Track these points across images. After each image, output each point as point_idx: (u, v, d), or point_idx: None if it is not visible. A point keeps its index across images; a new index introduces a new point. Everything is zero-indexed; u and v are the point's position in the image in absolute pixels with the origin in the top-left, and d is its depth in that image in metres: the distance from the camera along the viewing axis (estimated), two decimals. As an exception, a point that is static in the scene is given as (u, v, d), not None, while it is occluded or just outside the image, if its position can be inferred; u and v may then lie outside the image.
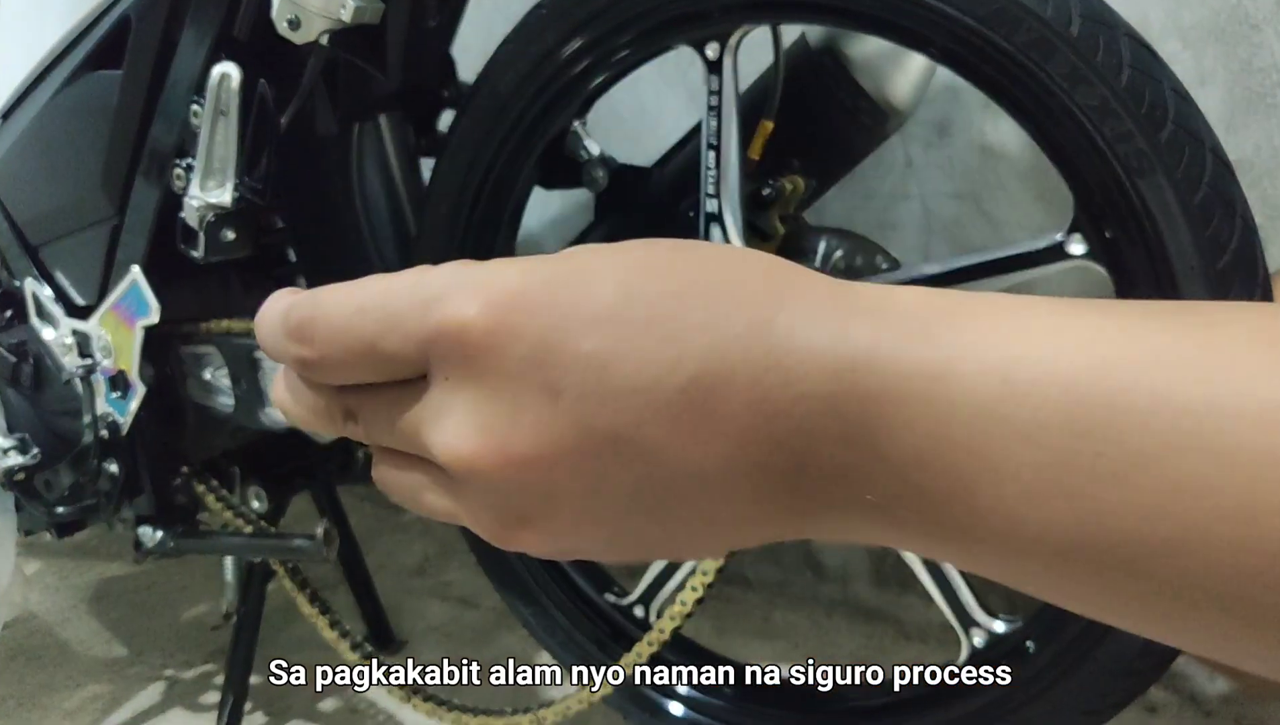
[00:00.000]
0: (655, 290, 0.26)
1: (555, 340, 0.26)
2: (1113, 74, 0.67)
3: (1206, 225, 0.67)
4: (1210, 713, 1.08)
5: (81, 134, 1.01)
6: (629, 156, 0.98)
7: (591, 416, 0.26)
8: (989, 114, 1.09)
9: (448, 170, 0.91)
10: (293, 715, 1.20)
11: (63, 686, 1.29)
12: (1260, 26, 0.97)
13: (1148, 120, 0.67)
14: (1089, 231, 0.70)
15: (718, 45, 0.79)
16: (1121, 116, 0.67)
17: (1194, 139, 0.67)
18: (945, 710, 0.83)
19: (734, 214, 0.80)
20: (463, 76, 1.06)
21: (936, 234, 1.15)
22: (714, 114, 0.80)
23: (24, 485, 1.08)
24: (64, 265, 1.06)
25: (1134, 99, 0.67)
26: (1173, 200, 0.67)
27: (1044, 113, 0.69)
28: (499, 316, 0.26)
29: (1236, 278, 0.67)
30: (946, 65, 0.73)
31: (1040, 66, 0.68)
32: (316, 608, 1.04)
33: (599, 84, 0.85)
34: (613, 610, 0.98)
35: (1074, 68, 0.67)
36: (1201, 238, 0.67)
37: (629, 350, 0.26)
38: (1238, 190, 0.69)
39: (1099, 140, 0.68)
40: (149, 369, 1.00)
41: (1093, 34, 0.67)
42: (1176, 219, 0.67)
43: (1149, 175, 0.67)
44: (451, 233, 0.91)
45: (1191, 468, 0.23)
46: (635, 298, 0.26)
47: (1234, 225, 0.68)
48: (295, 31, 0.85)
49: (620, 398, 0.26)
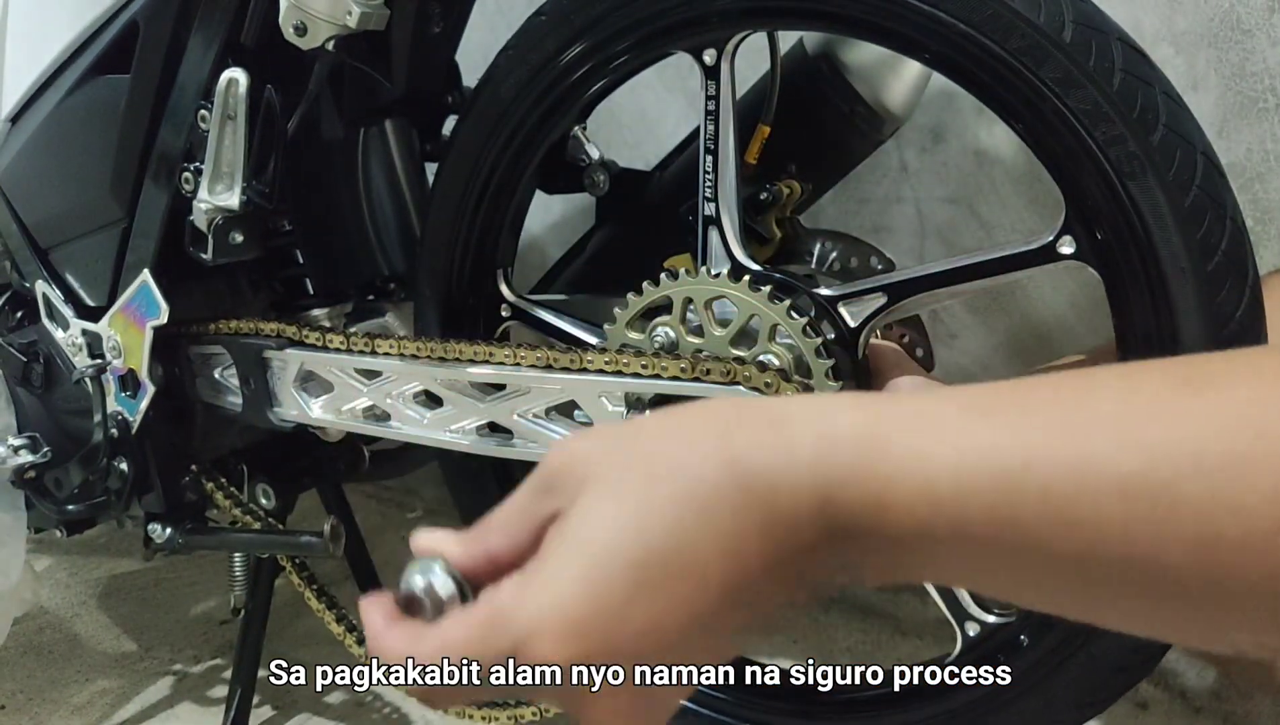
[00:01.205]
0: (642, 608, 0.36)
1: (612, 647, 0.36)
2: (1105, 78, 0.68)
3: (1197, 228, 0.68)
4: (1200, 709, 1.09)
5: (90, 138, 1.03)
6: (630, 161, 1.00)
7: None
8: (983, 120, 1.11)
9: (449, 177, 0.92)
10: (300, 709, 1.22)
11: (72, 681, 1.31)
12: (1252, 32, 0.98)
13: (1139, 124, 0.68)
14: (1080, 233, 0.71)
15: (715, 51, 0.80)
16: (1113, 120, 0.68)
17: (1185, 142, 0.68)
18: (940, 703, 0.84)
19: (731, 217, 0.81)
20: (467, 82, 1.08)
21: (930, 237, 1.17)
22: (711, 119, 0.81)
23: (34, 483, 1.10)
24: (74, 267, 1.08)
25: (1126, 103, 0.68)
26: (1163, 203, 0.68)
27: (1036, 117, 0.70)
28: (572, 654, 0.36)
29: (1227, 280, 0.68)
30: (940, 71, 0.74)
31: (1033, 71, 0.69)
32: (323, 603, 1.06)
33: (597, 90, 0.86)
34: None
35: (1066, 72, 0.68)
36: (1192, 240, 0.68)
37: None
38: (1229, 193, 0.70)
39: (1090, 143, 0.69)
40: (158, 369, 1.01)
41: (1085, 39, 0.68)
42: (1167, 221, 0.68)
43: (1140, 178, 0.68)
44: (454, 239, 0.93)
45: (1066, 537, 0.33)
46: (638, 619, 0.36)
47: (1224, 227, 0.68)
48: (302, 37, 0.87)
49: None
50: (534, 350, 0.83)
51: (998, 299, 1.16)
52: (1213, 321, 0.68)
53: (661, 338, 0.80)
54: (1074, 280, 1.11)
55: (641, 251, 0.97)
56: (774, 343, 0.77)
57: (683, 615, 0.36)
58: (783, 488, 0.35)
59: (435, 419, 0.90)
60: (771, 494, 0.35)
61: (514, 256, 0.96)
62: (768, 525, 0.36)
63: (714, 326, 0.79)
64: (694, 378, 0.76)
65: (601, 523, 0.36)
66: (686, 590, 0.36)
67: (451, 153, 0.92)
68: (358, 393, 0.94)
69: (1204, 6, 0.99)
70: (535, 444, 0.85)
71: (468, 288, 0.94)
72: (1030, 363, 1.17)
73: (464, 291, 0.94)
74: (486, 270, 0.94)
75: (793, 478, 0.35)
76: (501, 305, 0.95)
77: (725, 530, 0.36)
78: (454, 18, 0.99)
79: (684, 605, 0.36)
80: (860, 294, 0.78)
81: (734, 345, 0.78)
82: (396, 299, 1.07)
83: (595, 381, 0.80)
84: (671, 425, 0.38)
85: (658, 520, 0.36)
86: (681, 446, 0.37)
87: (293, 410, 0.98)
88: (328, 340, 0.94)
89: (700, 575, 0.36)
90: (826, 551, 0.36)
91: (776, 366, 0.76)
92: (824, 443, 0.35)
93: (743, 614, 0.37)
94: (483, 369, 0.86)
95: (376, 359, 0.91)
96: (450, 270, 0.94)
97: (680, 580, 0.36)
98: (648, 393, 0.78)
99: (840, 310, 0.78)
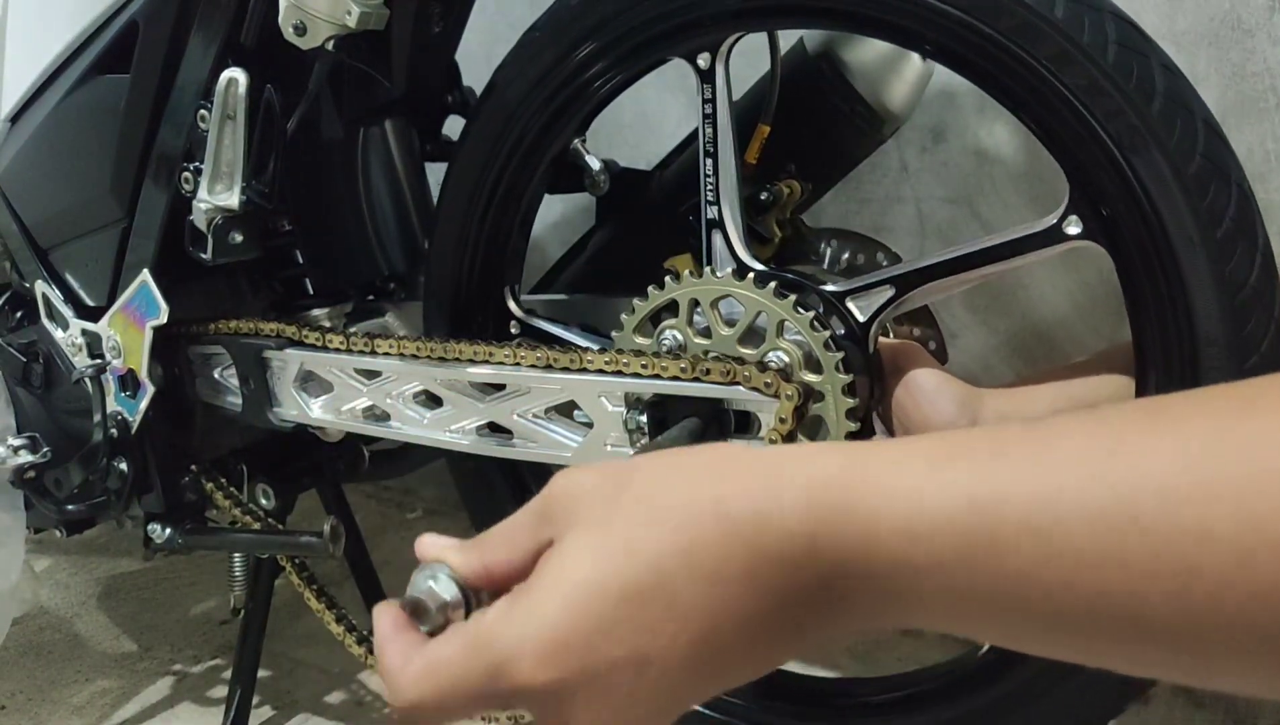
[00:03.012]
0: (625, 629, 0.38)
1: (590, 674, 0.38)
2: (1099, 53, 0.67)
3: (1203, 195, 0.67)
4: (1201, 704, 1.09)
5: (90, 138, 1.03)
6: (630, 161, 1.00)
7: None
8: (983, 119, 1.11)
9: (454, 191, 0.93)
10: (300, 709, 1.22)
11: (72, 681, 1.31)
12: (1253, 32, 0.98)
13: (1137, 95, 0.67)
14: (1085, 211, 0.71)
15: (709, 55, 0.80)
16: (1110, 94, 0.67)
17: (1185, 110, 0.68)
18: (951, 706, 0.84)
19: (734, 219, 0.81)
20: (466, 82, 1.08)
21: (931, 237, 1.17)
22: (709, 122, 0.81)
23: (34, 483, 1.10)
24: (74, 267, 1.08)
25: (1122, 75, 0.67)
26: (1167, 173, 0.67)
27: (1034, 97, 0.70)
28: (550, 678, 0.38)
29: (1237, 246, 0.67)
30: (938, 60, 0.74)
31: (1027, 51, 0.68)
32: (323, 603, 1.06)
33: (598, 100, 0.87)
34: None
35: (1061, 50, 0.68)
36: (1199, 208, 0.67)
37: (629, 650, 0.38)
38: (1233, 159, 0.69)
39: (1090, 119, 0.68)
40: (158, 369, 1.01)
41: (1077, 15, 0.68)
42: (1172, 191, 0.67)
43: (1142, 150, 0.67)
44: (460, 258, 0.93)
45: (1041, 573, 0.34)
46: None
47: (1230, 194, 0.67)
48: (301, 37, 0.87)
49: None
50: (534, 350, 0.83)
51: (998, 298, 1.16)
52: (1225, 290, 0.67)
53: (669, 342, 0.80)
54: (1074, 278, 1.11)
55: (642, 251, 0.97)
56: (782, 339, 0.76)
57: (662, 649, 0.37)
58: (770, 531, 0.37)
59: (435, 419, 0.90)
60: (758, 537, 0.37)
61: (521, 273, 0.96)
62: (753, 567, 0.37)
63: (721, 326, 0.78)
64: (693, 378, 0.76)
65: (588, 557, 0.38)
66: (667, 626, 0.37)
67: (453, 172, 0.93)
68: (357, 393, 0.94)
69: (1205, 6, 0.99)
70: (535, 444, 0.85)
71: (476, 303, 0.94)
72: (1031, 362, 1.17)
73: (472, 306, 0.95)
74: (494, 285, 0.94)
75: (780, 520, 0.37)
76: (510, 321, 0.95)
77: (707, 571, 0.37)
78: (454, 18, 0.99)
79: (664, 639, 0.37)
80: (868, 288, 0.78)
81: (742, 344, 0.78)
82: (396, 299, 1.07)
83: (595, 381, 0.80)
84: (665, 470, 0.40)
85: (640, 559, 0.37)
86: (671, 491, 0.39)
87: (293, 410, 0.98)
88: (327, 340, 0.94)
89: (682, 614, 0.37)
90: (819, 594, 0.37)
91: (776, 367, 0.76)
92: (814, 485, 0.37)
93: (735, 657, 0.39)
94: (482, 369, 0.86)
95: (376, 359, 0.91)
96: (458, 288, 0.94)
97: (661, 616, 0.37)
98: (647, 393, 0.78)
99: (849, 305, 0.78)
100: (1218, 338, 0.67)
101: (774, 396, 0.73)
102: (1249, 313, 0.67)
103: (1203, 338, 0.68)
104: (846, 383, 0.75)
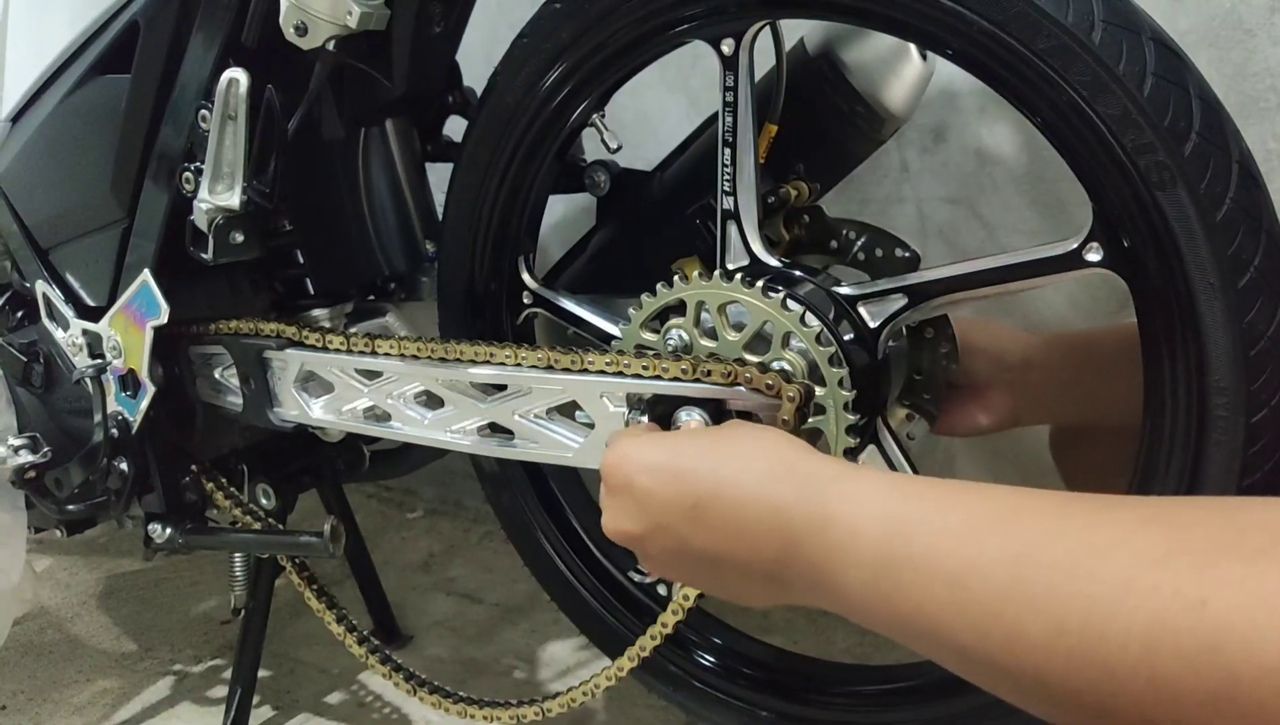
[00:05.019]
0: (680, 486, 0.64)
1: (650, 491, 0.65)
2: (1136, 83, 0.64)
3: (1229, 242, 0.64)
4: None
5: (91, 138, 1.03)
6: (631, 161, 1.00)
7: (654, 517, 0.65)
8: (984, 119, 1.11)
9: (461, 192, 0.93)
10: (300, 709, 1.22)
11: (72, 681, 1.31)
12: (1254, 32, 0.98)
13: (1170, 132, 0.64)
14: (1107, 239, 0.69)
15: (733, 41, 0.79)
16: (1143, 127, 0.64)
17: (1220, 151, 0.65)
18: (946, 704, 0.84)
19: (750, 210, 0.81)
20: (467, 82, 1.08)
21: (932, 238, 1.17)
22: (730, 110, 0.80)
23: (35, 483, 1.10)
24: (74, 267, 1.08)
25: (1157, 110, 0.64)
26: (1193, 215, 0.64)
27: (1064, 121, 0.67)
28: (644, 480, 0.65)
29: (1259, 297, 0.65)
30: (965, 69, 0.72)
31: (1060, 75, 0.66)
32: (324, 603, 1.06)
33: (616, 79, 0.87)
34: (636, 588, 0.99)
35: (1095, 77, 0.65)
36: (1223, 255, 0.64)
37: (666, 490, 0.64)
38: (1268, 205, 0.66)
39: (1119, 151, 0.65)
40: (159, 369, 1.01)
41: (1115, 41, 0.65)
42: (1197, 234, 0.64)
43: (1170, 189, 0.64)
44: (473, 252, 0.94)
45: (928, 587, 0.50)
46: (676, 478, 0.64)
47: (1259, 242, 0.65)
48: (302, 37, 0.87)
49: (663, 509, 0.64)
50: (535, 351, 0.83)
51: (999, 299, 1.16)
52: (1241, 341, 0.64)
53: (675, 341, 0.80)
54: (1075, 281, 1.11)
55: (642, 252, 0.97)
56: (787, 350, 0.76)
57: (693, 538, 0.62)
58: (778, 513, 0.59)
59: (436, 419, 0.90)
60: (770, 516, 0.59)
61: (535, 244, 0.96)
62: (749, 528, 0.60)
63: (728, 331, 0.78)
64: (695, 379, 0.76)
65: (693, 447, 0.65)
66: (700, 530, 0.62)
67: (459, 173, 0.93)
68: (358, 393, 0.94)
69: (1206, 6, 0.99)
70: (536, 444, 0.85)
71: (489, 274, 0.95)
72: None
73: (486, 278, 0.95)
74: (508, 255, 0.95)
75: (787, 509, 0.59)
76: (523, 292, 0.95)
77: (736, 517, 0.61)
78: (455, 17, 0.99)
79: (699, 536, 0.62)
80: (881, 294, 0.78)
81: (748, 350, 0.77)
82: (397, 299, 1.07)
83: (596, 382, 0.80)
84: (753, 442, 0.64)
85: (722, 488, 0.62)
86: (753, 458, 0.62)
87: (293, 410, 0.98)
88: (328, 341, 0.94)
89: (707, 529, 0.62)
90: (786, 557, 0.58)
91: (778, 368, 0.76)
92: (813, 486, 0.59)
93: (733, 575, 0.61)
94: (484, 369, 0.86)
95: (377, 359, 0.91)
96: (473, 258, 0.94)
97: (701, 521, 0.62)
98: (649, 393, 0.78)
99: (860, 310, 0.78)
100: (1229, 387, 0.65)
101: (775, 397, 0.73)
102: (1263, 366, 0.65)
103: (1213, 386, 0.66)
104: (848, 399, 0.75)
